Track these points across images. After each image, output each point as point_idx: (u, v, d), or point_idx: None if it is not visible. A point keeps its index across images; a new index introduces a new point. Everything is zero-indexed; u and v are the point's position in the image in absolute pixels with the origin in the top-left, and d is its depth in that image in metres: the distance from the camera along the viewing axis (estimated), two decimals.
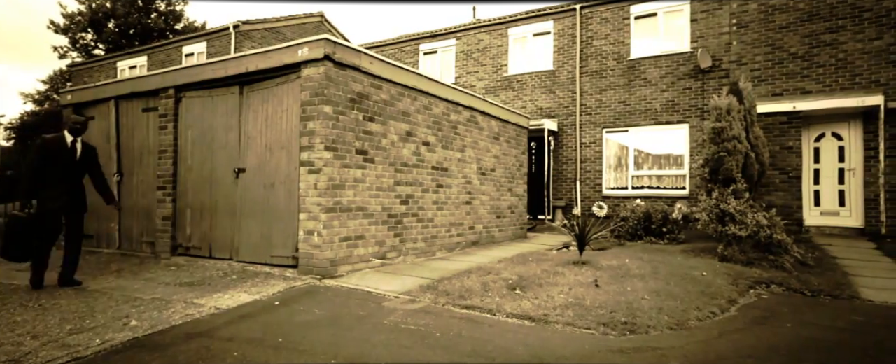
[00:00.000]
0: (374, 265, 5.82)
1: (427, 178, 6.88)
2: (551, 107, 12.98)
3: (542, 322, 3.74)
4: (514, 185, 9.51)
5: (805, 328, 3.76)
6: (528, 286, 4.74)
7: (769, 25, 10.32)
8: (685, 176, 11.13)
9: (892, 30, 9.20)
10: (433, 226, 7.01)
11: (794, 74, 10.01)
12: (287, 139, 5.58)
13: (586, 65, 12.49)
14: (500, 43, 13.91)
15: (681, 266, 5.81)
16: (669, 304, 4.16)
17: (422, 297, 4.46)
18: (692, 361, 2.97)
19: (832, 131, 9.72)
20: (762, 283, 5.29)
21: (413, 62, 15.37)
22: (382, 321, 3.71)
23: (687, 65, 11.15)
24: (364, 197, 5.72)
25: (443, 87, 7.31)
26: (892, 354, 3.16)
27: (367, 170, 5.78)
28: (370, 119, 5.83)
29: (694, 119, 10.99)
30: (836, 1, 9.67)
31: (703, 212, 7.09)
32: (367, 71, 5.75)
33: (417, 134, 6.68)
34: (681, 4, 11.36)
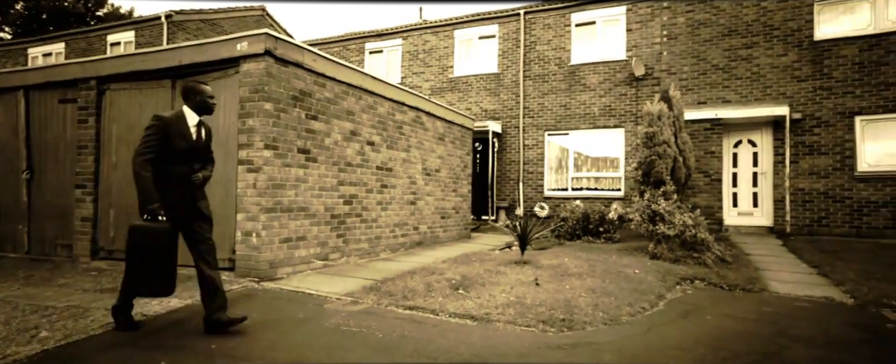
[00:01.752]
0: (317, 267, 5.68)
1: (371, 178, 6.81)
2: (496, 109, 13.23)
3: (485, 321, 3.80)
4: (459, 185, 9.61)
5: (723, 319, 4.06)
6: (471, 286, 4.81)
7: (695, 38, 11.07)
8: (621, 178, 11.70)
9: (795, 48, 10.15)
10: (377, 226, 6.94)
11: (717, 85, 10.80)
12: (224, 137, 5.33)
13: (530, 69, 12.84)
14: (446, 44, 14.01)
15: (615, 264, 6.10)
16: (604, 301, 4.36)
17: (365, 298, 4.40)
18: (624, 355, 3.13)
19: (748, 138, 10.58)
20: (687, 279, 5.65)
21: (358, 61, 15.16)
22: (323, 324, 3.64)
23: (623, 72, 11.74)
24: (306, 197, 5.57)
25: (388, 87, 7.26)
26: (793, 339, 3.48)
27: (310, 169, 5.64)
28: (313, 117, 5.69)
29: (629, 124, 11.58)
30: (751, 19, 10.54)
31: (636, 212, 7.49)
32: (311, 68, 5.61)
33: (362, 133, 6.59)
34: (617, 15, 11.95)
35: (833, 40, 9.86)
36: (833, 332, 3.74)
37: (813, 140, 9.90)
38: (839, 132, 9.73)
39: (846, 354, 3.22)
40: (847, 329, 3.84)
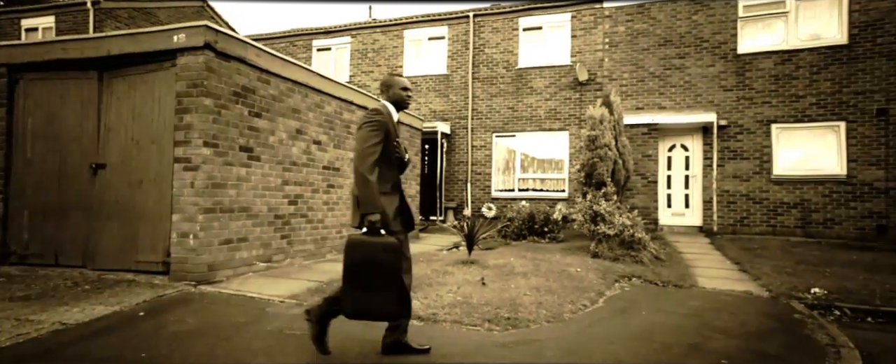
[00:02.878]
0: (259, 269, 5.49)
1: (318, 177, 6.66)
2: (445, 110, 13.31)
3: (431, 321, 3.83)
4: (407, 186, 9.59)
5: (657, 314, 4.31)
6: (419, 286, 4.82)
7: (634, 47, 11.65)
8: (565, 179, 12.11)
9: (722, 59, 10.92)
10: (324, 227, 6.81)
11: (653, 91, 11.42)
12: (159, 133, 5.05)
13: (478, 71, 13.02)
14: (395, 44, 13.94)
15: (559, 263, 6.31)
16: (548, 299, 4.50)
17: (309, 300, 4.30)
18: (566, 351, 3.25)
19: (681, 143, 11.25)
20: (626, 277, 5.94)
21: (305, 58, 14.78)
22: (265, 328, 3.52)
23: (568, 76, 12.16)
24: (248, 197, 5.37)
25: (336, 85, 7.13)
26: (716, 331, 3.75)
27: (253, 168, 5.44)
28: (257, 115, 5.50)
29: (573, 127, 12.01)
30: (683, 31, 11.23)
31: (579, 213, 7.77)
32: (254, 64, 5.41)
33: (308, 132, 6.44)
34: (563, 21, 12.35)
35: (753, 54, 10.68)
36: (750, 322, 4.06)
37: (737, 145, 10.68)
38: (759, 139, 10.55)
39: (760, 343, 3.51)
40: (762, 319, 4.18)
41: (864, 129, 9.92)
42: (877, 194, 9.75)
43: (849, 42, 10.06)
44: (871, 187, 9.79)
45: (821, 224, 10.00)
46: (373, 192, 2.71)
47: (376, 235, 2.70)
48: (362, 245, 2.71)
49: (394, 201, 2.95)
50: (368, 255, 2.69)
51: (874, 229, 9.67)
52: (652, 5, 11.47)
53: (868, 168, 9.84)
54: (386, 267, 2.68)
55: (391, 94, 3.10)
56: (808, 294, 5.20)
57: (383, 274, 2.68)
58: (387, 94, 3.12)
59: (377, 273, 2.67)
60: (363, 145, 2.78)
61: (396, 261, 2.73)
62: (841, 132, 10.06)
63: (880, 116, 9.82)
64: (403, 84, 3.09)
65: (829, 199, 10.01)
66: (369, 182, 2.70)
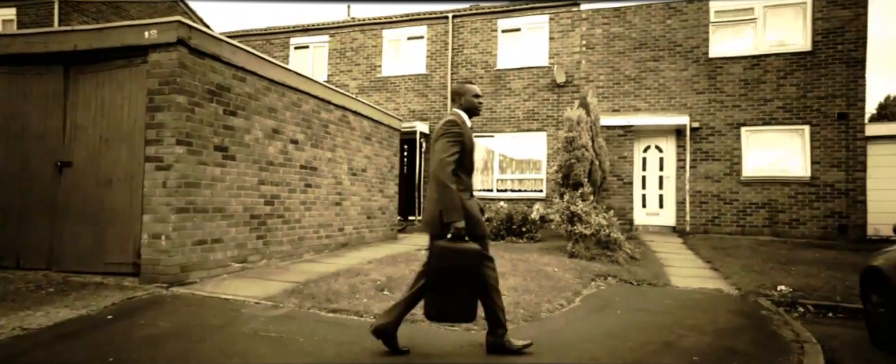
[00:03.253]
0: (234, 270, 5.39)
1: (295, 177, 6.57)
2: (423, 110, 13.30)
3: (409, 322, 3.81)
4: (386, 186, 9.55)
5: (631, 313, 4.39)
6: (397, 287, 4.81)
7: (611, 49, 11.85)
8: (543, 180, 12.24)
9: (694, 63, 11.21)
10: (300, 227, 6.72)
11: (629, 94, 11.64)
12: (129, 131, 4.90)
13: (457, 71, 13.05)
14: (374, 43, 13.87)
15: (536, 263, 6.37)
16: (525, 299, 4.54)
17: (286, 301, 4.25)
18: (542, 350, 3.28)
19: (656, 144, 11.50)
20: (601, 276, 6.03)
21: (282, 56, 14.57)
22: (241, 330, 3.46)
23: (545, 78, 12.29)
24: (223, 197, 5.26)
25: (313, 84, 7.06)
26: (689, 328, 3.85)
27: (228, 168, 5.34)
28: (232, 113, 5.39)
29: (551, 128, 12.14)
30: (658, 35, 11.48)
31: (556, 213, 7.87)
32: (230, 61, 5.31)
33: (285, 131, 6.35)
34: (541, 23, 12.49)
35: (724, 58, 10.99)
36: (721, 320, 4.18)
37: (708, 147, 10.97)
38: (729, 141, 10.86)
39: (730, 339, 3.61)
40: (732, 317, 4.30)
41: (826, 132, 10.32)
42: (838, 195, 10.15)
43: (812, 49, 10.45)
44: (832, 188, 10.19)
45: (787, 224, 10.35)
46: (455, 200, 2.82)
47: (460, 242, 2.81)
48: (448, 252, 2.82)
49: (475, 206, 3.06)
50: (453, 261, 2.80)
51: (836, 228, 10.06)
52: (627, 9, 11.69)
53: (830, 170, 10.23)
54: (469, 272, 2.84)
55: (463, 101, 3.21)
56: (775, 291, 5.38)
57: (467, 279, 2.84)
58: (459, 102, 3.23)
59: (461, 278, 2.83)
60: (442, 155, 2.91)
61: (479, 266, 2.90)
62: (805, 135, 10.44)
63: (841, 120, 10.23)
64: (475, 91, 3.20)
65: (794, 200, 10.38)
66: (452, 191, 2.82)
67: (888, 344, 3.77)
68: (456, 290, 2.85)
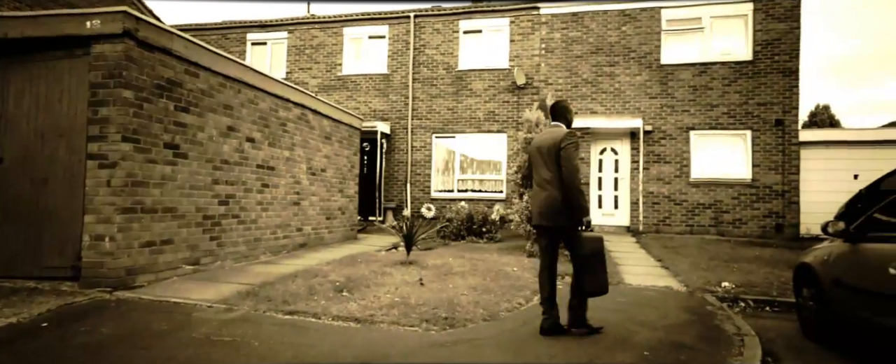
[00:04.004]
0: (185, 272, 5.18)
1: (251, 176, 6.39)
2: (384, 109, 13.22)
3: (369, 323, 3.79)
4: (346, 186, 9.43)
5: (587, 311, 4.51)
6: (356, 287, 4.76)
7: (569, 53, 12.16)
8: (503, 180, 12.41)
9: (647, 69, 11.67)
10: (257, 228, 6.54)
11: (587, 97, 11.97)
12: (68, 126, 4.62)
13: (419, 71, 13.04)
14: (335, 41, 13.66)
15: (496, 263, 6.46)
16: (485, 298, 4.60)
17: (240, 304, 4.12)
18: (501, 348, 3.34)
19: (611, 146, 11.89)
20: (559, 275, 6.16)
21: (239, 52, 14.11)
22: (191, 334, 3.33)
23: (506, 80, 12.47)
24: (174, 196, 5.05)
25: (271, 82, 6.88)
26: (641, 325, 4.01)
27: (179, 166, 5.12)
28: (184, 110, 5.18)
29: (511, 129, 12.33)
30: (613, 41, 11.88)
31: (515, 213, 7.99)
32: (181, 55, 5.10)
33: (241, 129, 6.16)
34: (502, 26, 12.66)
35: (675, 65, 11.50)
36: (670, 316, 4.37)
37: (660, 150, 11.44)
38: (679, 144, 11.37)
39: (678, 334, 3.79)
40: (679, 313, 4.50)
41: (765, 137, 10.98)
42: (775, 196, 10.82)
43: (753, 58, 11.10)
44: (771, 190, 10.86)
45: (731, 224, 10.94)
46: (584, 199, 3.54)
47: (589, 232, 3.62)
48: (591, 240, 3.62)
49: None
50: (594, 247, 3.61)
51: (773, 228, 10.73)
52: (585, 14, 12.03)
53: (769, 172, 10.90)
54: (603, 253, 3.66)
55: (569, 118, 3.94)
56: (719, 288, 5.67)
57: (602, 259, 3.65)
58: (566, 118, 3.94)
59: (600, 259, 3.62)
60: (573, 163, 3.58)
61: (604, 249, 3.69)
62: (747, 140, 11.07)
63: (778, 126, 10.92)
64: (573, 111, 4.01)
65: (737, 201, 10.98)
66: (583, 193, 3.56)
67: (817, 335, 4.06)
68: (596, 269, 3.60)
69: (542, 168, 3.72)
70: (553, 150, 3.62)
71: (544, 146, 3.72)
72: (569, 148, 3.57)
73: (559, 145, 3.59)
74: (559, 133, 3.70)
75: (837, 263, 3.83)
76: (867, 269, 3.40)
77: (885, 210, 3.69)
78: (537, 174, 3.81)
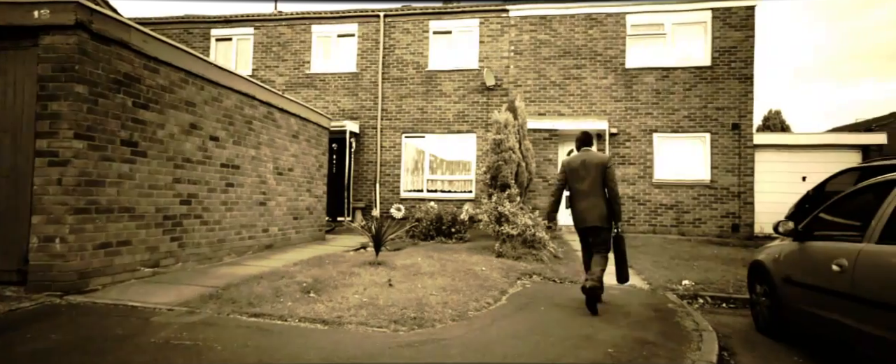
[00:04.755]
0: (144, 275, 4.98)
1: (215, 176, 6.20)
2: (354, 109, 13.09)
3: (336, 324, 3.74)
4: (314, 185, 9.28)
5: (554, 309, 4.59)
6: (324, 289, 4.69)
7: (537, 56, 12.33)
8: (472, 181, 12.48)
9: (613, 72, 11.97)
10: (221, 228, 6.35)
11: (554, 99, 12.18)
12: (14, 122, 4.37)
13: (388, 71, 12.97)
14: (303, 39, 13.43)
15: (465, 263, 6.48)
16: (453, 298, 4.61)
17: (203, 307, 4.00)
18: (470, 348, 3.35)
19: None
20: (527, 275, 6.25)
21: (203, 48, 13.69)
22: (149, 339, 3.21)
23: (476, 81, 12.55)
24: (132, 196, 4.85)
25: (236, 79, 6.70)
26: (605, 322, 4.11)
27: (138, 164, 4.93)
28: (143, 106, 4.99)
29: (480, 130, 12.41)
30: (580, 44, 12.13)
31: (484, 213, 8.05)
32: (140, 50, 4.91)
33: (204, 127, 5.97)
34: (471, 27, 12.74)
35: (639, 69, 11.84)
36: (633, 313, 4.49)
37: (625, 151, 11.76)
38: (643, 146, 11.71)
39: (641, 331, 3.90)
40: (642, 310, 4.64)
41: (723, 140, 11.44)
42: (732, 197, 11.29)
43: (712, 64, 11.54)
44: (728, 191, 11.32)
45: (691, 223, 11.34)
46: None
47: (619, 232, 4.73)
48: (619, 238, 4.73)
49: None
50: (621, 244, 4.76)
51: (730, 227, 11.19)
52: (553, 18, 12.24)
53: (726, 174, 11.36)
54: (623, 250, 4.82)
55: (592, 143, 5.11)
56: (680, 286, 5.87)
57: (623, 255, 4.81)
58: (592, 144, 5.09)
59: (623, 255, 4.81)
60: (617, 178, 5.10)
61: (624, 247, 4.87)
62: (706, 142, 11.51)
63: (735, 130, 11.39)
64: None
65: (697, 202, 11.39)
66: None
67: (769, 330, 4.25)
68: (622, 262, 4.80)
69: (589, 187, 4.74)
70: (598, 168, 4.72)
71: (591, 165, 4.75)
72: (612, 167, 4.77)
73: (606, 165, 4.73)
74: (602, 156, 4.86)
75: (787, 261, 4.02)
76: (813, 266, 3.59)
77: (829, 210, 3.91)
78: (583, 190, 4.77)
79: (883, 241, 2.94)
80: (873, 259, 2.94)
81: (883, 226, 2.99)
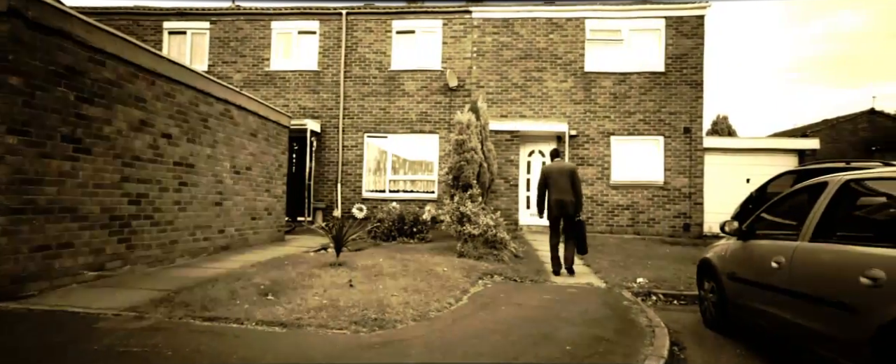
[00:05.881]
0: (87, 279, 4.72)
1: (167, 175, 5.95)
2: (315, 107, 12.85)
3: (295, 327, 3.66)
4: (273, 185, 9.05)
5: (514, 308, 4.66)
6: (282, 291, 4.58)
7: (500, 58, 12.49)
8: (435, 181, 12.49)
9: (572, 76, 12.27)
10: (173, 229, 6.10)
11: (516, 101, 12.36)
12: None
13: (351, 70, 12.81)
14: (262, 35, 13.07)
15: (427, 263, 6.48)
16: (415, 299, 4.60)
17: (152, 312, 3.83)
18: (431, 348, 3.36)
19: (539, 149, 12.35)
20: (488, 274, 6.31)
21: (154, 41, 13.09)
22: (91, 347, 3.04)
23: (439, 81, 12.58)
24: (75, 195, 4.59)
25: (191, 74, 6.45)
26: (564, 321, 4.21)
27: (82, 162, 4.66)
28: (87, 101, 4.72)
29: (443, 130, 12.45)
30: (541, 47, 12.37)
31: (447, 214, 8.07)
32: (84, 41, 4.65)
33: (156, 124, 5.72)
34: (434, 27, 12.75)
35: (597, 73, 12.19)
36: (590, 311, 4.62)
37: (584, 153, 12.07)
38: (601, 148, 12.07)
39: (598, 328, 4.01)
40: (600, 308, 4.78)
41: (675, 143, 11.93)
42: (683, 198, 11.79)
43: (665, 70, 12.03)
44: (680, 192, 11.82)
45: (645, 223, 11.77)
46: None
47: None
48: (582, 223, 6.61)
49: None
50: (582, 228, 6.65)
51: (682, 227, 11.68)
52: (515, 21, 12.43)
53: (678, 176, 11.86)
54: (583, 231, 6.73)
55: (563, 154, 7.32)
56: (635, 283, 6.08)
57: (583, 234, 6.70)
58: (561, 155, 6.92)
59: (583, 234, 6.68)
60: (580, 180, 6.78)
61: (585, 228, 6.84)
62: (660, 145, 11.97)
63: (686, 133, 11.91)
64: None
65: (651, 202, 11.84)
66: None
67: (716, 325, 4.47)
68: (582, 240, 6.68)
69: (561, 184, 6.61)
70: (568, 174, 6.64)
71: (563, 171, 6.68)
72: (577, 172, 6.73)
73: (574, 172, 6.69)
74: (573, 165, 7.16)
75: (732, 259, 4.24)
76: (755, 264, 3.80)
77: (770, 210, 4.15)
78: (557, 186, 6.62)
79: (815, 239, 3.15)
80: (807, 256, 3.14)
81: (815, 224, 3.20)
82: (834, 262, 2.91)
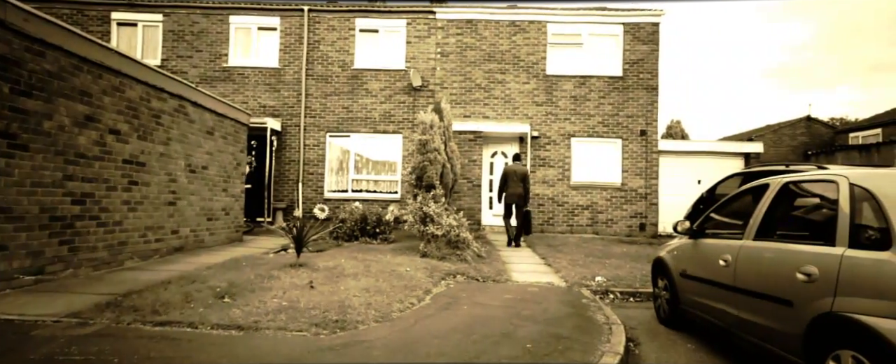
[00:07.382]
0: (24, 284, 4.43)
1: (116, 173, 5.67)
2: (276, 106, 12.55)
3: (253, 329, 3.57)
4: (231, 185, 8.77)
5: (477, 308, 4.70)
6: (239, 293, 4.45)
7: (463, 59, 12.56)
8: (398, 181, 12.43)
9: (535, 78, 12.50)
10: (122, 230, 5.81)
11: (479, 102, 12.47)
12: None
13: (313, 68, 12.58)
14: (220, 29, 12.64)
15: (389, 263, 6.44)
16: (377, 299, 4.57)
17: (98, 317, 3.64)
18: (392, 349, 3.34)
19: (502, 150, 12.51)
20: (451, 275, 6.34)
21: (101, 32, 12.44)
22: (27, 356, 2.86)
23: (402, 81, 12.52)
24: (9, 195, 4.30)
25: (141, 68, 6.17)
26: (524, 319, 4.28)
27: (18, 160, 4.38)
28: (24, 94, 4.44)
29: (406, 130, 12.40)
30: (505, 49, 12.53)
31: (410, 214, 8.04)
32: (21, 30, 4.37)
33: (102, 120, 5.43)
34: (398, 27, 12.70)
35: (559, 76, 12.46)
36: (550, 309, 4.72)
37: (546, 154, 12.31)
38: (562, 149, 12.34)
39: (557, 326, 4.10)
40: (559, 306, 4.88)
41: (632, 145, 12.35)
42: (640, 198, 12.22)
43: (623, 74, 12.43)
44: (636, 193, 12.23)
45: (604, 223, 12.12)
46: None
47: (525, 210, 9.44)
48: (530, 212, 9.85)
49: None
50: (529, 217, 9.81)
51: (638, 227, 12.10)
52: (479, 22, 12.54)
53: (635, 177, 12.27)
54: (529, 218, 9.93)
55: (523, 158, 10.69)
56: (593, 282, 6.25)
57: (530, 219, 9.97)
58: (519, 147, 11.25)
59: (530, 220, 10.03)
60: (530, 180, 10.03)
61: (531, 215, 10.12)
62: (618, 147, 12.36)
63: (643, 136, 12.35)
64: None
65: (610, 203, 12.20)
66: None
67: (669, 321, 4.66)
68: (528, 224, 9.78)
69: (515, 182, 9.17)
70: (521, 175, 9.20)
71: (517, 172, 9.24)
72: (528, 175, 9.05)
73: (526, 174, 9.20)
74: (525, 168, 9.54)
75: (684, 257, 4.43)
76: (704, 261, 3.98)
77: (718, 211, 4.36)
78: (512, 183, 9.17)
79: (758, 237, 3.34)
80: (750, 254, 3.32)
81: (758, 224, 3.39)
82: (774, 260, 3.08)
